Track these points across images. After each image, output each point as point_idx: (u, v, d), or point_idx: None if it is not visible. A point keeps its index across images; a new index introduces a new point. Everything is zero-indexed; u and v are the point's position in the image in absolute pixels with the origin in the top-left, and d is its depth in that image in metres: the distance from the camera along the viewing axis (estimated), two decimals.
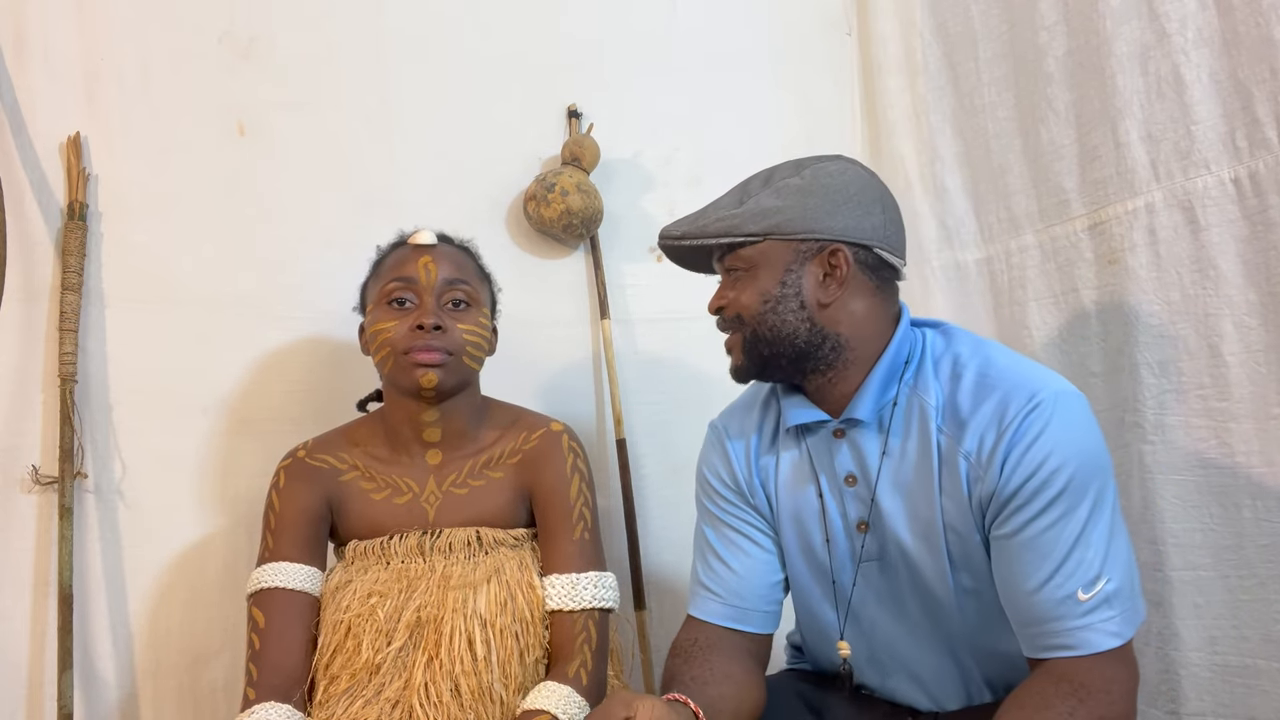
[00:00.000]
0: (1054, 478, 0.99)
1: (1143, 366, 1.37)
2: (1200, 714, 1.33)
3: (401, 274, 1.33)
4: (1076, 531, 0.99)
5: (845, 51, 2.02)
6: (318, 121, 1.68)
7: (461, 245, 1.42)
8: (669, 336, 1.84)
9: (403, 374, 1.30)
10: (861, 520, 1.13)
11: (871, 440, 1.12)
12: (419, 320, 1.29)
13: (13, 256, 1.45)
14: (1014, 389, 1.03)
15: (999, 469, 1.01)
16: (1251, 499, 1.26)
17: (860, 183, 1.11)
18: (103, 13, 1.55)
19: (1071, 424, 1.01)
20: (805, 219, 1.08)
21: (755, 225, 1.09)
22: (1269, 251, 1.23)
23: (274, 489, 1.36)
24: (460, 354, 1.31)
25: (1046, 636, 0.99)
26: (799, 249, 1.09)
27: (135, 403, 1.53)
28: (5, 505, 1.45)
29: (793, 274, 1.09)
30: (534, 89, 1.82)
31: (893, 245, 1.11)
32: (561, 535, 1.35)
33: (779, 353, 1.10)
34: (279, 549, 1.32)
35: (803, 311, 1.09)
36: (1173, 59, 1.32)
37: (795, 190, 1.09)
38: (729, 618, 1.18)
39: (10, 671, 1.44)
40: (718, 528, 1.22)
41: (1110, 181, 1.43)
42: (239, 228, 1.61)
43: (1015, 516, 1.01)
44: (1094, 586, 0.98)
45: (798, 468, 1.18)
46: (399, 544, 1.33)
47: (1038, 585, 0.99)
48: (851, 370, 1.11)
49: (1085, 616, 0.97)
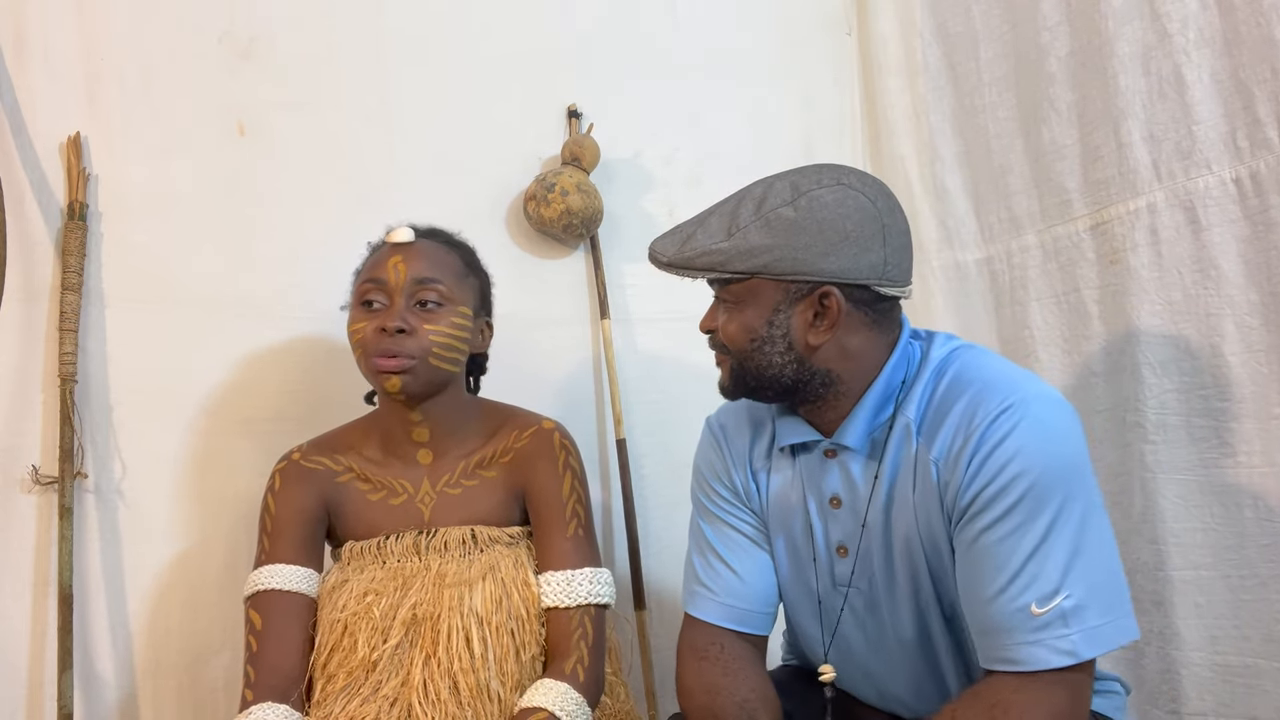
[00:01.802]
0: (1014, 484, 0.94)
1: (1144, 366, 1.37)
2: (1201, 713, 1.33)
3: (373, 274, 1.31)
4: (1035, 542, 0.93)
5: (845, 51, 2.02)
6: (318, 121, 1.67)
7: (446, 240, 1.39)
8: (669, 336, 1.84)
9: (372, 377, 1.31)
10: (841, 544, 1.11)
11: (860, 464, 1.09)
12: (382, 323, 1.28)
13: (13, 256, 1.45)
14: (986, 391, 0.99)
15: (963, 472, 0.98)
16: (1253, 499, 1.26)
17: (860, 215, 1.01)
18: (103, 13, 1.55)
19: (1042, 430, 0.96)
20: (795, 260, 1.01)
21: (742, 264, 1.02)
22: (1270, 251, 1.23)
23: (269, 492, 1.36)
24: (425, 357, 1.28)
25: (996, 649, 0.95)
26: (788, 289, 1.03)
27: (135, 403, 1.53)
28: (5, 505, 1.45)
29: (780, 314, 1.03)
30: (534, 89, 1.82)
31: (894, 278, 1.04)
32: (555, 532, 1.34)
33: (765, 386, 1.08)
34: (275, 551, 1.32)
35: (790, 353, 1.04)
36: (1174, 59, 1.32)
37: (787, 226, 1.01)
38: (732, 619, 1.16)
39: (10, 671, 1.43)
40: (717, 526, 1.20)
41: (1112, 181, 1.43)
42: (239, 228, 1.61)
43: (974, 522, 0.97)
44: (1050, 601, 0.92)
45: (790, 484, 1.15)
46: (395, 544, 1.33)
47: (992, 595, 0.95)
48: (843, 399, 1.08)
49: (1036, 632, 0.92)
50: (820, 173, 1.05)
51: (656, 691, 1.69)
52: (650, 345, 1.85)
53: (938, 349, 1.09)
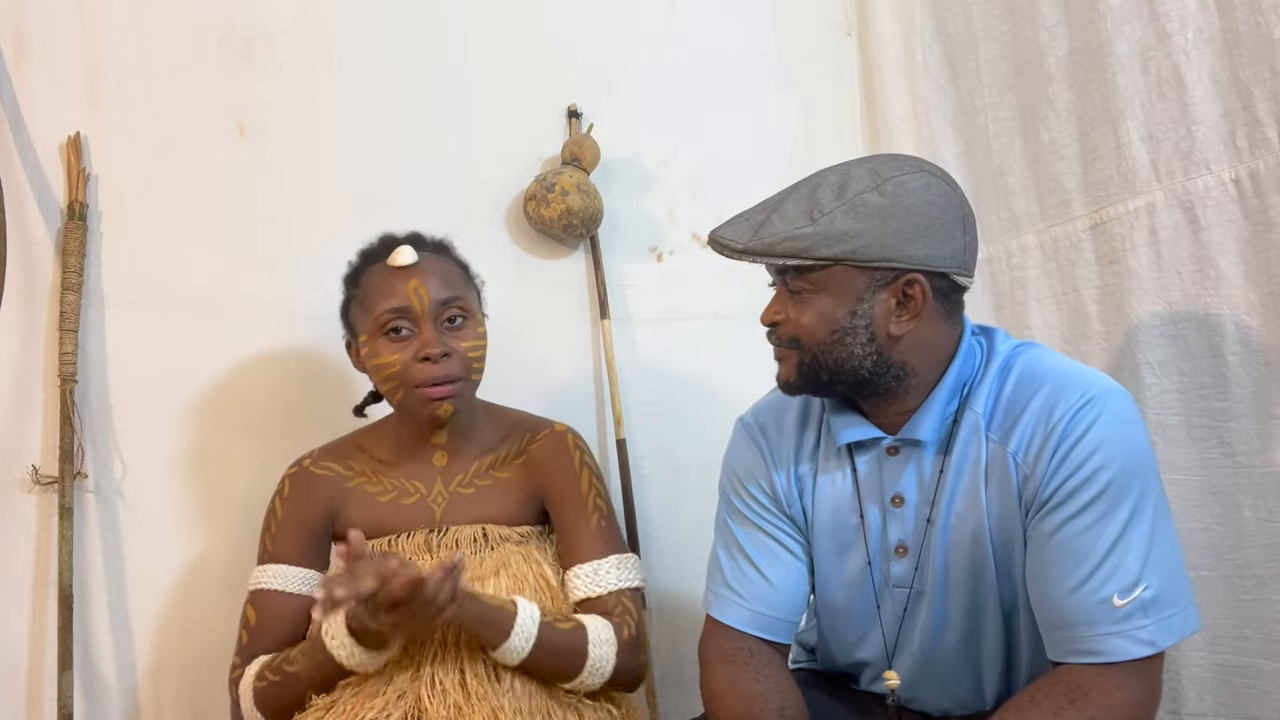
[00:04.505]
0: (1096, 476, 0.95)
1: (1144, 366, 1.37)
2: (1201, 714, 1.33)
3: (393, 304, 1.29)
4: (1116, 534, 0.95)
5: (845, 52, 2.02)
6: (318, 121, 1.67)
7: (442, 250, 1.39)
8: (669, 336, 1.84)
9: (418, 406, 1.30)
10: (900, 544, 1.09)
11: (929, 460, 1.07)
12: (424, 351, 1.27)
13: (13, 256, 1.45)
14: (1064, 385, 1.00)
15: (1046, 465, 0.98)
16: (1252, 499, 1.26)
17: (944, 202, 1.01)
18: (103, 13, 1.55)
19: (1121, 423, 0.98)
20: (884, 246, 0.98)
21: (829, 249, 0.99)
22: (1269, 251, 1.23)
23: (277, 496, 1.38)
24: (468, 375, 1.32)
25: (1074, 641, 0.96)
26: (873, 276, 1.00)
27: (135, 403, 1.53)
28: (5, 505, 1.45)
29: (864, 303, 1.00)
30: (534, 89, 1.82)
31: (968, 268, 1.04)
32: (579, 526, 1.35)
33: (839, 379, 1.04)
34: (277, 551, 1.34)
35: (871, 344, 1.02)
36: (1173, 59, 1.32)
37: (875, 211, 0.98)
38: (760, 626, 1.13)
39: (10, 671, 1.44)
40: (749, 530, 1.16)
41: (1111, 181, 1.43)
42: (239, 228, 1.61)
43: (1053, 515, 0.97)
44: (1131, 592, 0.93)
45: (840, 485, 1.12)
46: (406, 542, 1.34)
47: (1072, 588, 0.95)
48: (912, 393, 1.06)
49: (1119, 623, 0.93)
50: (896, 160, 1.04)
51: (657, 691, 1.69)
52: (650, 345, 1.85)
53: (1001, 344, 1.09)
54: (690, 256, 1.85)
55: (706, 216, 1.83)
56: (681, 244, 1.86)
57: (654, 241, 1.86)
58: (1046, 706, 0.94)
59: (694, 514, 1.72)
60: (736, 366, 1.76)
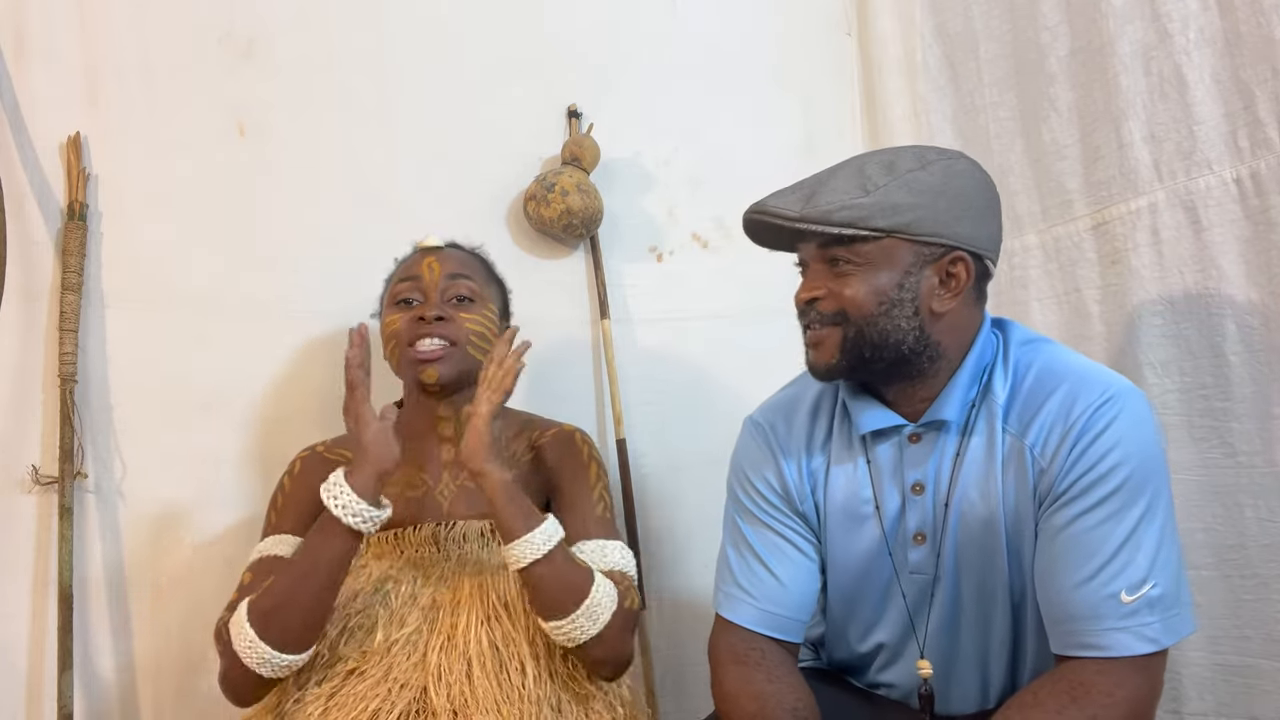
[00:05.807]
0: (1113, 473, 0.97)
1: (1145, 366, 1.37)
2: (1202, 714, 1.33)
3: (407, 274, 1.38)
4: (1128, 530, 0.96)
5: (845, 51, 2.02)
6: (318, 121, 1.67)
7: (471, 251, 1.46)
8: (669, 336, 1.84)
9: (408, 367, 1.35)
10: (919, 531, 1.10)
11: (950, 444, 1.08)
12: (420, 312, 1.34)
13: (13, 256, 1.45)
14: (1084, 383, 1.02)
15: (1064, 459, 1.00)
16: (1253, 499, 1.26)
17: (985, 188, 1.07)
18: (103, 13, 1.55)
19: (1139, 422, 1.00)
20: (936, 221, 1.02)
21: (884, 220, 1.01)
22: (1271, 251, 1.23)
23: (287, 474, 1.38)
24: (464, 344, 1.35)
25: (1079, 634, 0.97)
26: (922, 251, 1.03)
27: (135, 403, 1.53)
28: (5, 505, 1.45)
29: (912, 277, 1.03)
30: (534, 89, 1.82)
31: (997, 255, 1.09)
32: (585, 508, 1.35)
33: (881, 356, 1.05)
34: (280, 524, 1.34)
35: (915, 319, 1.04)
36: (1175, 59, 1.32)
37: (927, 188, 1.02)
38: (770, 626, 1.14)
39: (10, 671, 1.44)
40: (759, 529, 1.16)
41: (1113, 181, 1.43)
42: (239, 228, 1.61)
43: (1066, 508, 0.99)
44: (1139, 589, 0.95)
45: (854, 476, 1.13)
46: (413, 534, 1.34)
47: (1081, 581, 0.97)
48: (939, 376, 1.08)
49: (1125, 619, 0.95)
50: (936, 148, 1.08)
51: (656, 691, 1.69)
52: (650, 345, 1.84)
53: (1017, 336, 1.11)
54: (690, 256, 1.85)
55: (706, 217, 1.85)
56: (681, 244, 1.86)
57: (654, 241, 1.86)
58: (1049, 704, 0.94)
59: (694, 513, 1.72)
60: (736, 366, 1.76)
